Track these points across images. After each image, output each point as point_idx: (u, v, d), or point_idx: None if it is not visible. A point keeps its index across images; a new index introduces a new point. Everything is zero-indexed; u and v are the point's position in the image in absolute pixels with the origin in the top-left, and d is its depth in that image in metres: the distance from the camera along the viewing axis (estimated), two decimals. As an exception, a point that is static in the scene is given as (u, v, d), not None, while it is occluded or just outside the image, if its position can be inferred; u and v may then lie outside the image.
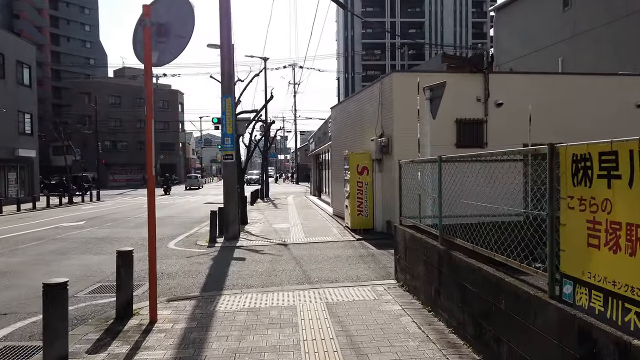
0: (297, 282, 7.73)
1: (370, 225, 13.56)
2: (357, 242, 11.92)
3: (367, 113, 14.50)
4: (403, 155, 12.53)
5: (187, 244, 12.23)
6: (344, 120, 17.43)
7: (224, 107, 12.74)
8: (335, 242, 11.97)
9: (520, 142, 12.47)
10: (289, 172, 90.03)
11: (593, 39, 20.19)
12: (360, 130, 15.12)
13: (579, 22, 21.16)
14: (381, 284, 7.36)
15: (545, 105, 12.49)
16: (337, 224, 15.87)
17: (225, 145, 12.81)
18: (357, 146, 15.17)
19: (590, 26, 20.22)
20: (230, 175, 12.96)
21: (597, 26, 19.82)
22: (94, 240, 13.03)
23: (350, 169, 13.54)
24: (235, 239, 12.69)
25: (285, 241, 12.20)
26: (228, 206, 12.82)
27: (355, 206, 13.49)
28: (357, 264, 9.15)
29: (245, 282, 7.76)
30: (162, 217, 19.78)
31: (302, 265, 9.02)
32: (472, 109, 12.66)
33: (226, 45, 12.71)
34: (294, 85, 59.57)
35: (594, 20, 20.24)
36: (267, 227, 15.48)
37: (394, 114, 12.34)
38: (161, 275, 8.46)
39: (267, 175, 36.51)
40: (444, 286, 5.30)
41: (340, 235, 12.99)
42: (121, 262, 5.76)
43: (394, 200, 12.49)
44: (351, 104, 16.40)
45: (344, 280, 7.82)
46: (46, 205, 26.98)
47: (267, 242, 12.20)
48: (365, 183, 13.54)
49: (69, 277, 4.78)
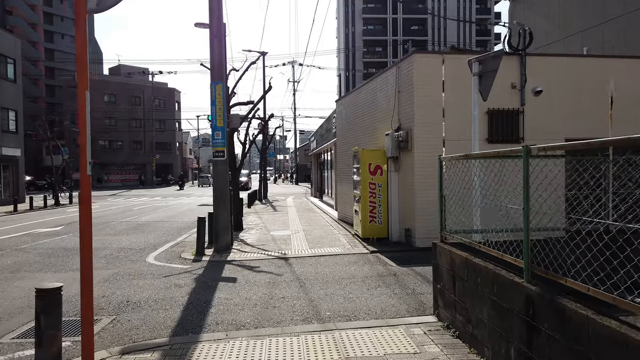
0: (303, 318, 5.80)
1: (385, 234, 11.63)
2: (371, 255, 9.99)
3: (380, 104, 12.58)
4: (425, 152, 10.63)
5: (170, 257, 10.30)
6: (351, 114, 15.51)
7: (213, 95, 10.81)
8: (345, 255, 10.05)
9: (562, 137, 10.57)
10: (288, 172, 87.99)
11: (621, 27, 18.28)
12: (372, 125, 13.19)
13: (610, 6, 19.23)
14: (417, 323, 5.44)
15: (596, 91, 10.59)
16: (344, 230, 13.95)
17: (216, 141, 10.88)
18: (368, 142, 13.25)
19: (623, 11, 18.30)
20: (221, 176, 11.02)
21: (631, 10, 17.91)
22: (61, 252, 11.09)
23: (362, 169, 11.62)
24: (226, 250, 10.76)
25: (285, 254, 10.28)
26: (218, 211, 10.90)
27: (367, 212, 11.57)
28: (378, 288, 7.22)
29: (234, 318, 5.83)
30: (150, 221, 17.86)
31: (308, 290, 7.09)
32: (506, 98, 10.73)
33: (216, 22, 10.79)
34: (294, 83, 57.90)
35: (627, 4, 18.31)
36: (265, 234, 13.55)
37: (414, 102, 10.41)
38: (125, 304, 6.53)
39: (265, 175, 34.61)
40: (543, 353, 3.36)
41: (350, 246, 11.07)
42: (42, 306, 3.84)
43: (414, 205, 10.58)
44: (361, 95, 14.47)
45: (364, 315, 5.89)
46: (29, 208, 25.05)
47: (264, 254, 10.27)
48: (379, 185, 11.62)
49: (4, 309, 2.86)
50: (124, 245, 12.17)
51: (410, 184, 10.65)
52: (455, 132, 10.43)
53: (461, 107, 10.53)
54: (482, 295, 4.31)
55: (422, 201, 10.35)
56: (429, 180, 10.38)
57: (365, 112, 13.80)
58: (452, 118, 10.46)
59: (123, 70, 68.10)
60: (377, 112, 12.76)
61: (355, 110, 14.98)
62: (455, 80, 10.39)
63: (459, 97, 10.49)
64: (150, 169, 60.91)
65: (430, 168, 10.40)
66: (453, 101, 10.45)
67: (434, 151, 10.43)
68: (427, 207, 10.34)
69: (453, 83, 10.40)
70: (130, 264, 9.62)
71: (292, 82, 57.88)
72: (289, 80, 58.37)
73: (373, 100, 13.13)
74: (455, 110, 10.45)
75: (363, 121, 14.05)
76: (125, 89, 61.90)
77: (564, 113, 10.82)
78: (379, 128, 12.53)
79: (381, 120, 12.35)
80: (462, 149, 10.66)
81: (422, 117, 10.39)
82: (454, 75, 10.39)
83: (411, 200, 10.63)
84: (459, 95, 10.46)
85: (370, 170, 11.56)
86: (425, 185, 10.33)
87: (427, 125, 10.42)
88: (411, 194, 10.62)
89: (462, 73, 10.48)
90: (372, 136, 13.03)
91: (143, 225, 16.55)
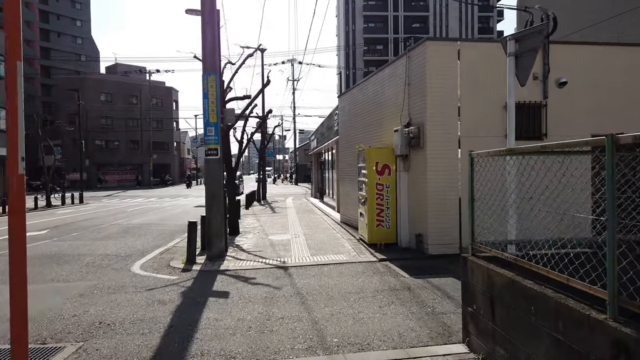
0: (306, 347, 4.84)
1: (393, 239, 10.67)
2: (380, 264, 9.03)
3: (387, 97, 11.62)
4: (439, 149, 9.63)
5: (157, 266, 9.33)
6: (355, 110, 14.54)
7: (205, 87, 9.86)
8: (351, 263, 9.08)
9: (587, 133, 9.61)
10: (287, 172, 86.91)
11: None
12: (379, 120, 12.23)
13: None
14: (445, 354, 4.49)
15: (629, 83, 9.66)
16: (347, 235, 12.99)
17: (209, 137, 9.93)
18: (374, 140, 12.29)
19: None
20: (215, 176, 10.06)
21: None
22: (37, 260, 10.12)
23: (368, 168, 10.67)
24: (220, 257, 9.81)
25: (285, 262, 9.32)
26: (211, 215, 9.94)
27: (373, 215, 10.61)
28: (392, 305, 6.25)
29: (223, 347, 4.87)
30: (142, 224, 16.90)
31: (311, 309, 6.13)
32: (526, 90, 9.76)
33: (208, 7, 9.82)
34: (293, 82, 57.04)
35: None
36: (263, 239, 12.58)
37: (427, 95, 9.45)
38: (97, 327, 5.57)
39: (264, 175, 33.64)
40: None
41: (355, 253, 10.10)
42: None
43: (426, 208, 9.62)
44: (366, 89, 13.50)
45: (379, 342, 4.93)
46: (17, 210, 24.06)
47: (261, 263, 9.31)
48: (387, 185, 10.66)
49: None
50: (110, 251, 11.21)
51: (422, 184, 9.70)
52: (473, 127, 9.49)
53: (480, 100, 9.58)
54: (537, 329, 3.35)
55: (435, 203, 9.40)
56: (443, 181, 9.43)
57: (371, 107, 12.84)
58: (470, 112, 9.50)
59: (120, 69, 67.02)
60: (384, 106, 11.79)
61: (360, 105, 14.02)
62: (472, 70, 9.44)
63: (477, 89, 9.54)
64: (147, 169, 59.86)
65: (444, 167, 9.45)
66: (470, 94, 9.50)
67: (448, 148, 9.49)
68: (441, 209, 9.39)
69: (470, 73, 9.45)
70: (113, 273, 8.66)
71: (291, 80, 57.08)
72: (288, 79, 57.53)
73: (380, 94, 12.17)
74: (472, 103, 9.50)
75: (369, 117, 13.09)
76: (122, 88, 60.92)
77: (591, 106, 9.87)
78: (386, 124, 11.57)
79: (389, 115, 11.39)
80: (481, 146, 9.69)
81: (436, 111, 9.43)
82: (472, 65, 9.44)
83: (423, 202, 9.67)
84: (477, 87, 9.51)
85: (378, 170, 10.61)
86: (439, 185, 9.39)
87: (441, 119, 9.46)
88: (423, 196, 9.66)
89: (481, 62, 9.53)
90: (379, 133, 12.07)
91: (134, 229, 15.58)
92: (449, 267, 8.32)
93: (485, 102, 9.58)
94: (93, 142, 57.83)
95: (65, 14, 77.40)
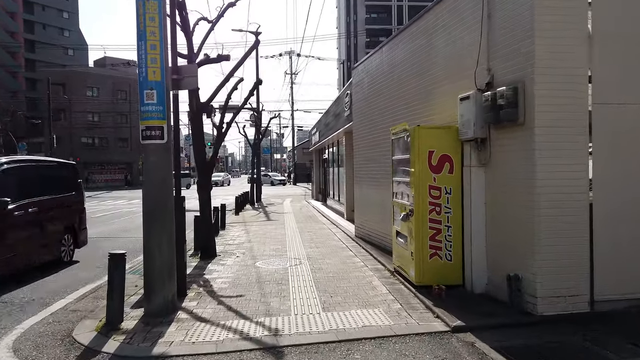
0: None
1: (459, 280, 6.48)
2: (457, 340, 4.84)
3: (439, 51, 7.39)
4: (556, 124, 5.32)
5: (48, 339, 5.15)
6: (381, 80, 10.31)
7: (141, 20, 5.68)
8: (399, 337, 4.90)
9: None
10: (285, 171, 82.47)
11: None
12: (423, 90, 8.00)
13: None
14: None
15: None
16: (372, 260, 8.85)
17: (147, 107, 5.74)
18: (416, 120, 8.01)
19: None
20: (156, 175, 5.85)
21: None
22: None
23: (415, 161, 6.51)
24: (166, 316, 5.61)
25: (277, 331, 5.14)
26: (151, 243, 5.77)
27: (425, 238, 6.44)
28: None
29: None
30: (97, 237, 12.57)
31: None
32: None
33: None
34: (291, 75, 53.20)
35: None
36: (247, 269, 8.40)
37: (534, 25, 5.24)
38: None
39: (259, 174, 29.54)
40: None
41: (399, 306, 5.92)
42: None
43: (530, 228, 5.35)
44: (401, 47, 9.27)
45: None
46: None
47: (234, 334, 5.13)
48: (446, 190, 6.48)
49: None
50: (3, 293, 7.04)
51: (521, 187, 5.50)
52: (616, 87, 5.35)
53: (634, 38, 5.48)
54: None
55: (549, 219, 5.19)
56: (564, 181, 5.26)
57: (409, 73, 8.60)
58: (613, 61, 5.37)
59: (109, 62, 62.99)
60: (435, 65, 7.56)
61: (389, 72, 9.77)
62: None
63: (629, 19, 5.44)
64: (137, 168, 55.68)
65: (568, 156, 5.29)
66: (614, 27, 5.37)
67: (570, 124, 5.30)
68: (559, 232, 5.21)
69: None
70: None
71: (289, 74, 53.21)
72: (285, 73, 53.73)
73: (425, 49, 7.94)
74: (619, 44, 5.36)
75: (403, 88, 8.87)
76: (109, 82, 56.72)
77: None
78: (439, 92, 7.38)
79: (444, 77, 7.19)
80: (629, 120, 5.52)
81: (550, 55, 5.24)
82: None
83: (520, 218, 5.47)
84: (628, 15, 5.40)
85: (432, 164, 6.44)
86: (557, 189, 5.20)
87: (562, 72, 5.27)
88: (521, 207, 5.46)
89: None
90: (426, 108, 7.85)
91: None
92: (598, 350, 4.16)
93: (634, 47, 5.44)
94: (79, 139, 53.73)
95: (51, 4, 73.05)
